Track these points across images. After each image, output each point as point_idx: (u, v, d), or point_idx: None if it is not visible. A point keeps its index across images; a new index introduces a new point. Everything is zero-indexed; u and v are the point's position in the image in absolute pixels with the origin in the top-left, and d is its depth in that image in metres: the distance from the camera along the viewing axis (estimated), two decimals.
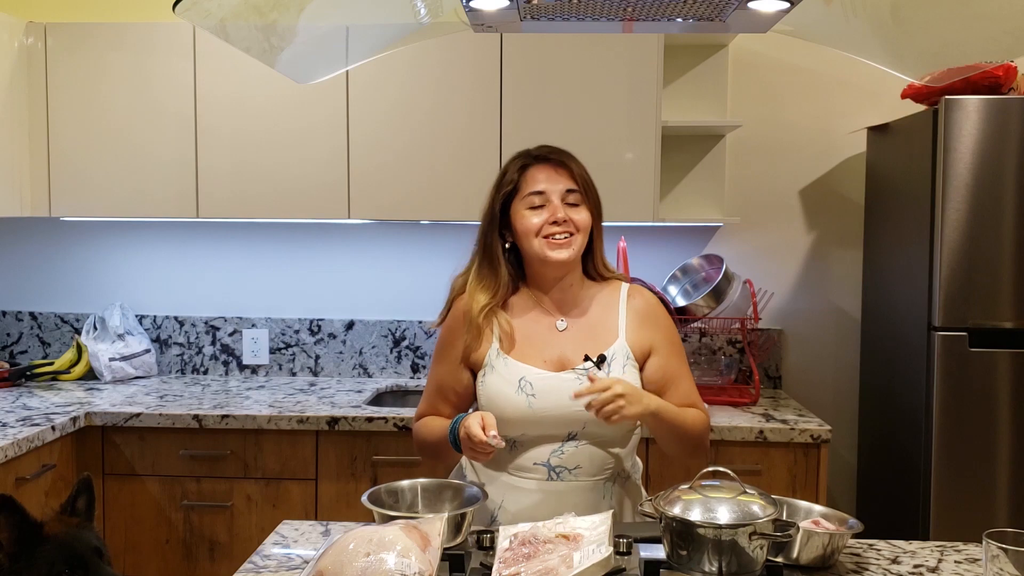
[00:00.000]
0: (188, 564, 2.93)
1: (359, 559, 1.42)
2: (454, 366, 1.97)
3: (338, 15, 1.88)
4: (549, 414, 1.85)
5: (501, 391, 1.88)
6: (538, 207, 1.90)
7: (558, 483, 1.88)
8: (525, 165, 1.94)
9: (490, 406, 1.88)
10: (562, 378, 1.87)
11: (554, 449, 1.88)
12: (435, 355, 2.03)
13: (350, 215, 3.14)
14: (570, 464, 1.88)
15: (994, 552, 1.46)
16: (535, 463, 1.88)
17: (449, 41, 3.00)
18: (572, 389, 1.83)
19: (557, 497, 1.87)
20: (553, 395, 1.85)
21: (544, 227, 1.89)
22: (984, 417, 2.72)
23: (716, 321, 3.20)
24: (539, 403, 1.85)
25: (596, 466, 1.89)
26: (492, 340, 1.92)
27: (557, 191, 1.90)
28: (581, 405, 1.79)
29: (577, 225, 1.89)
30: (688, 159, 3.40)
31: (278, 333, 3.56)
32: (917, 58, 2.03)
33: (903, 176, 3.01)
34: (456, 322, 1.98)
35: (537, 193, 1.90)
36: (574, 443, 1.88)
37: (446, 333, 2.00)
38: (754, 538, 1.52)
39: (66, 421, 2.79)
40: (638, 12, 1.70)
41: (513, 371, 1.89)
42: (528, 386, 1.87)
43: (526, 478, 1.89)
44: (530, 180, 1.92)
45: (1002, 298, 2.71)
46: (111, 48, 3.15)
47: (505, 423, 1.86)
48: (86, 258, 3.60)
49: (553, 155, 1.94)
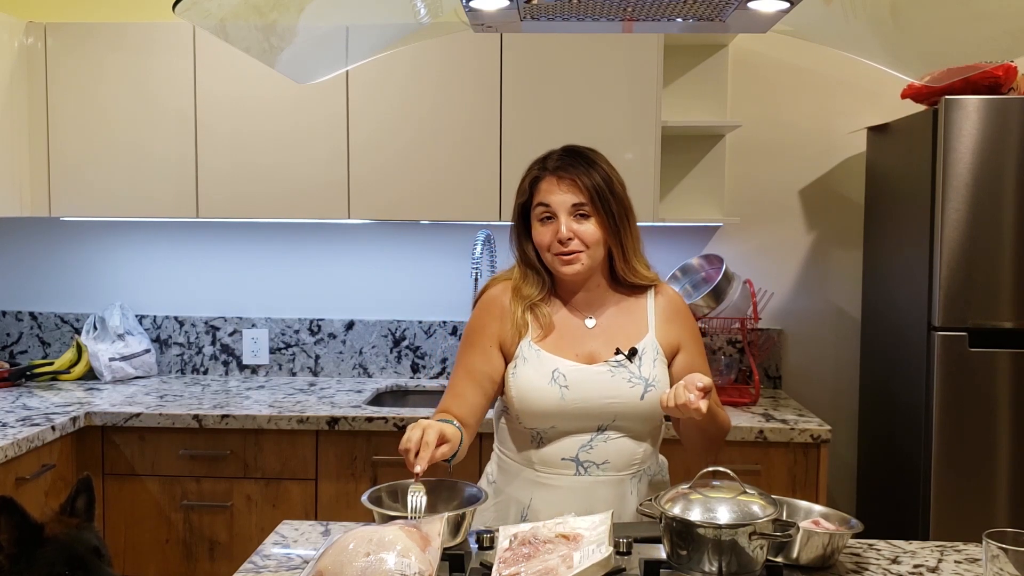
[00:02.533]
0: (188, 564, 2.93)
1: (359, 559, 1.42)
2: (487, 350, 1.94)
3: (338, 15, 1.88)
4: (581, 406, 1.87)
5: (534, 382, 1.88)
6: (548, 221, 1.90)
7: (585, 478, 1.89)
8: (537, 178, 1.93)
9: (522, 397, 1.88)
10: (595, 370, 1.89)
11: (582, 444, 1.89)
12: (464, 343, 1.99)
13: (350, 215, 3.14)
14: (598, 459, 1.89)
15: (994, 552, 1.46)
16: (563, 458, 1.89)
17: (449, 41, 3.00)
18: (605, 382, 1.87)
19: (585, 492, 1.88)
20: (586, 387, 1.87)
21: (553, 243, 1.89)
22: (984, 417, 2.72)
23: (716, 321, 3.20)
24: (572, 395, 1.87)
25: (624, 461, 1.90)
26: (527, 333, 1.92)
27: (564, 206, 1.88)
28: (613, 398, 1.86)
29: (585, 241, 1.88)
30: (688, 159, 3.40)
31: (278, 333, 3.56)
32: (917, 58, 2.03)
33: (903, 176, 3.01)
34: (490, 307, 1.97)
35: (545, 206, 1.90)
36: (603, 436, 1.89)
37: (478, 317, 1.98)
38: (754, 538, 1.52)
39: (66, 421, 2.79)
40: (638, 12, 1.70)
41: (546, 363, 1.89)
42: (561, 377, 1.88)
43: (553, 474, 1.90)
44: (540, 193, 1.92)
45: (1002, 298, 2.71)
46: (111, 48, 3.15)
47: (537, 415, 1.88)
48: (86, 258, 3.60)
49: (563, 168, 1.90)
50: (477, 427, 1.96)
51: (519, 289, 1.96)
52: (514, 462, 1.95)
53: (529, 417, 1.90)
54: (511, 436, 1.97)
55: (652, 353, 1.92)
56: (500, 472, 2.00)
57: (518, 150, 3.04)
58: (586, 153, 1.94)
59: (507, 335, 1.94)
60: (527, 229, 1.96)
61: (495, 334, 1.95)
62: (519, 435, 1.94)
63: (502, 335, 1.94)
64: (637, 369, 1.89)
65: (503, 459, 1.99)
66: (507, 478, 1.97)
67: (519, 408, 1.90)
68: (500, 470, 2.00)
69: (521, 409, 1.90)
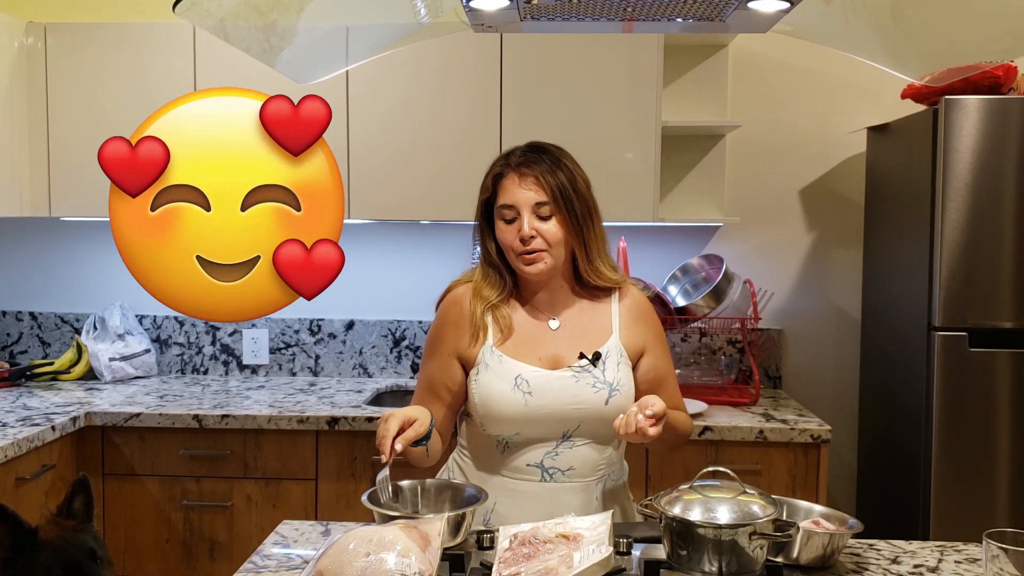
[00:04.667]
0: (188, 564, 2.93)
1: (359, 559, 1.42)
2: (445, 360, 1.92)
3: (338, 15, 1.88)
4: (546, 412, 1.84)
5: (497, 389, 1.85)
6: (511, 220, 1.86)
7: (551, 484, 1.87)
8: (500, 174, 1.89)
9: (485, 405, 1.86)
10: (558, 376, 1.86)
11: (548, 450, 1.87)
12: (425, 351, 1.97)
13: (350, 215, 3.14)
14: (563, 465, 1.87)
15: (994, 552, 1.46)
16: (528, 464, 1.87)
17: (449, 41, 3.00)
18: (569, 387, 1.83)
19: (550, 498, 1.86)
20: (550, 393, 1.84)
21: (515, 242, 1.85)
22: (984, 417, 2.72)
23: (716, 321, 3.20)
24: (536, 401, 1.84)
25: (589, 467, 1.88)
26: (487, 338, 1.89)
27: (527, 204, 1.84)
28: (577, 404, 1.82)
29: (548, 240, 1.84)
30: (688, 159, 3.40)
31: (278, 333, 3.56)
32: (917, 58, 2.03)
33: (903, 176, 3.01)
34: (448, 314, 1.94)
35: (507, 207, 1.86)
36: (569, 443, 1.87)
37: (437, 327, 1.95)
38: (754, 538, 1.52)
39: (66, 421, 2.79)
40: (638, 12, 1.70)
41: (508, 369, 1.86)
42: (524, 384, 1.85)
43: (519, 479, 1.88)
44: (502, 191, 1.87)
45: (1002, 298, 2.71)
46: (111, 48, 3.15)
47: (501, 421, 1.85)
48: (86, 258, 3.60)
49: (526, 164, 1.86)
50: (447, 434, 1.94)
51: (479, 290, 1.92)
52: (479, 470, 1.92)
53: (493, 424, 1.86)
54: (475, 441, 1.94)
55: (616, 356, 1.89)
56: (463, 475, 1.96)
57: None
58: (551, 150, 1.89)
59: (464, 342, 1.90)
60: (491, 227, 1.92)
61: (452, 344, 1.91)
62: (484, 440, 1.91)
63: (459, 344, 1.91)
64: (601, 374, 1.86)
65: (466, 462, 1.96)
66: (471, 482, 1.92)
67: (483, 415, 1.87)
68: (463, 473, 1.96)
69: (485, 416, 1.87)
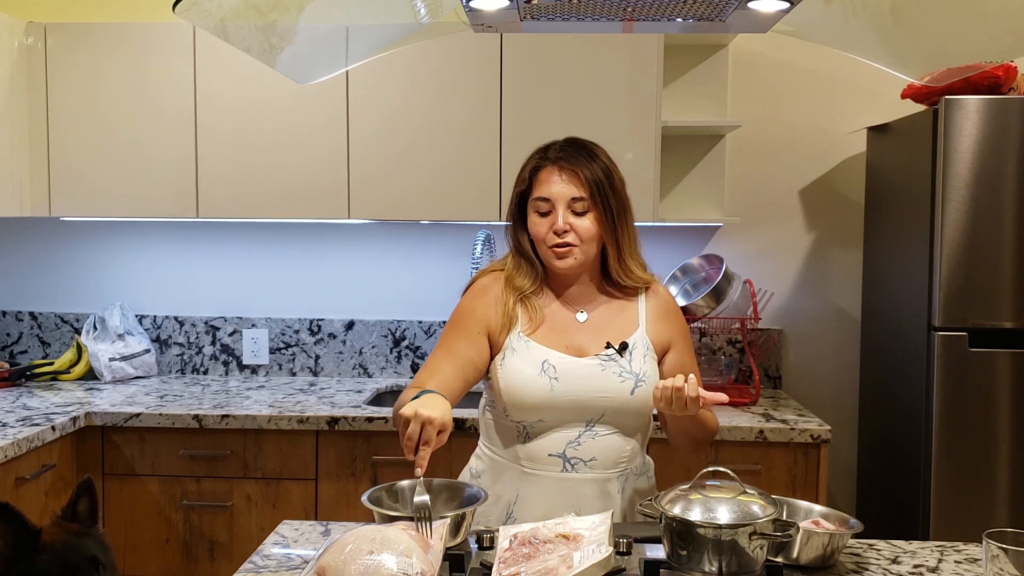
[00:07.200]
0: (188, 564, 2.93)
1: (360, 559, 1.42)
2: (474, 335, 1.90)
3: (338, 15, 1.88)
4: (570, 399, 1.85)
5: (523, 373, 1.86)
6: (545, 213, 1.89)
7: (572, 475, 1.87)
8: (537, 167, 1.92)
9: (510, 389, 1.86)
10: (585, 363, 1.87)
11: (570, 440, 1.87)
12: (449, 326, 1.95)
13: (350, 215, 3.14)
14: (585, 456, 1.87)
15: (994, 552, 1.46)
16: (550, 454, 1.88)
17: (449, 41, 3.00)
18: (595, 375, 1.85)
19: (572, 488, 1.87)
20: (576, 379, 1.85)
21: (548, 236, 1.88)
22: (984, 417, 2.72)
23: (716, 321, 3.20)
24: (561, 387, 1.85)
25: (611, 458, 1.89)
26: (516, 326, 1.90)
27: (563, 199, 1.87)
28: (603, 393, 1.84)
29: (581, 235, 1.87)
30: (688, 159, 3.40)
31: (278, 333, 3.56)
32: (917, 58, 2.03)
33: (903, 176, 3.01)
34: (481, 295, 1.94)
35: (543, 199, 1.89)
36: (591, 432, 1.87)
37: (467, 304, 1.95)
38: (754, 538, 1.52)
39: (66, 421, 2.79)
40: (638, 12, 1.70)
41: (536, 354, 1.87)
42: (551, 369, 1.86)
43: (540, 470, 1.88)
44: (539, 184, 1.90)
45: (1002, 298, 2.71)
46: (111, 48, 3.15)
47: (526, 407, 1.86)
48: (86, 258, 3.60)
49: (565, 158, 1.89)
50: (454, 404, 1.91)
51: (511, 279, 1.94)
52: (500, 458, 1.93)
53: (517, 409, 1.87)
54: (497, 431, 1.95)
55: (643, 349, 1.91)
56: (485, 468, 1.97)
57: (518, 150, 3.02)
58: (588, 146, 1.93)
59: (496, 324, 1.91)
60: (524, 218, 1.94)
61: (483, 320, 1.91)
62: (505, 430, 1.92)
63: (491, 322, 1.91)
64: (628, 364, 1.88)
65: (488, 455, 1.97)
66: (493, 475, 1.95)
67: (507, 400, 1.87)
68: (485, 466, 1.97)
69: (509, 401, 1.87)
